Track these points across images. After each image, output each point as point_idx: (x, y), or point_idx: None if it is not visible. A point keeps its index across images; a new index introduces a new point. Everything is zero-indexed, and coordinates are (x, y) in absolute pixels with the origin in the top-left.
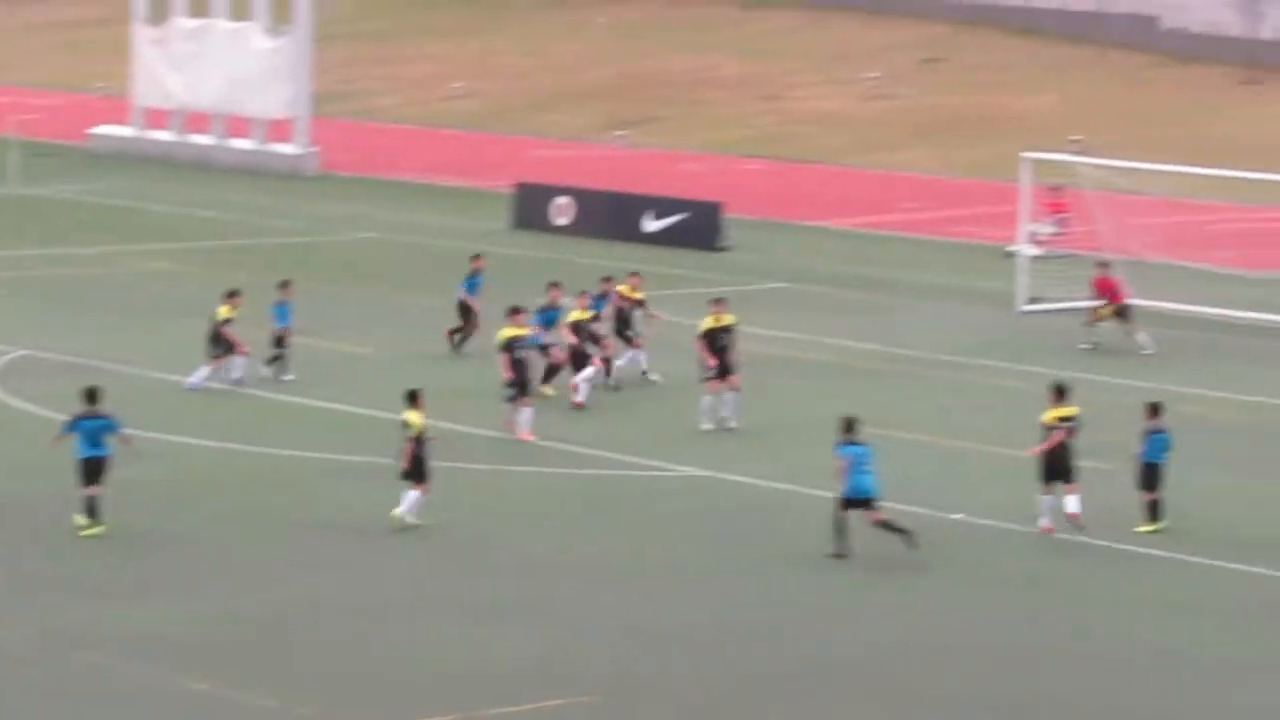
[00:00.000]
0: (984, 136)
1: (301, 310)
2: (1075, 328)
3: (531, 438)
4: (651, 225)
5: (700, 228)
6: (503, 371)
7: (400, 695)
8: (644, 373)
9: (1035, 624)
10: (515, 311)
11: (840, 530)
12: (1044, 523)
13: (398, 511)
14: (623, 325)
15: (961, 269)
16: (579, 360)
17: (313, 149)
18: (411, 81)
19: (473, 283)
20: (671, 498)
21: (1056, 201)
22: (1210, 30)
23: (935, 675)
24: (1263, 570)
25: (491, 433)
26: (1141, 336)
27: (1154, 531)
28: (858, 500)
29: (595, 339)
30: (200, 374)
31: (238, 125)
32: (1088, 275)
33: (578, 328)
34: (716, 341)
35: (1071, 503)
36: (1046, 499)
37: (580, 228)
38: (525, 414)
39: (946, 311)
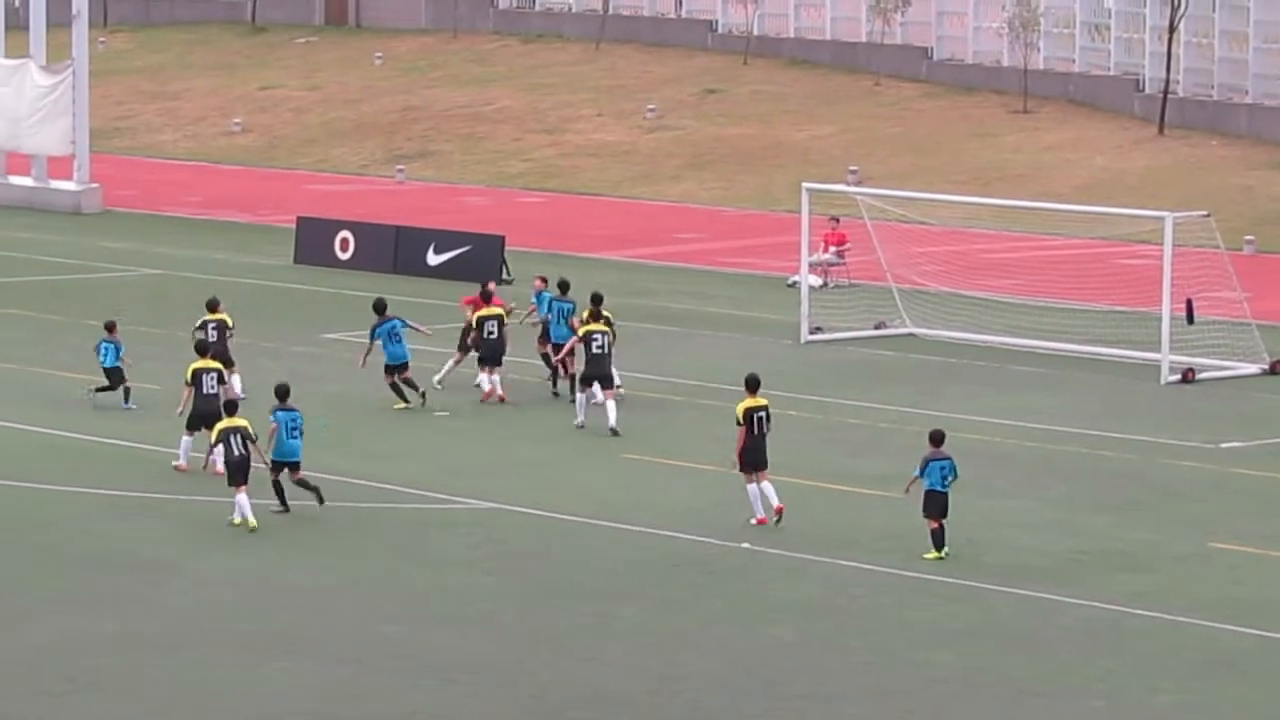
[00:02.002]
0: (764, 167)
1: (84, 348)
2: (859, 356)
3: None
4: (434, 259)
5: (482, 261)
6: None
7: None
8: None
9: (825, 651)
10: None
11: (279, 490)
12: (758, 515)
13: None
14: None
15: (744, 300)
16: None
17: (93, 185)
18: (190, 117)
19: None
20: (457, 530)
21: (837, 232)
22: (981, 61)
23: (709, 705)
24: (1045, 595)
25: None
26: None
27: (939, 559)
28: (284, 462)
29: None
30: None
31: (17, 162)
32: (869, 304)
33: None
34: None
35: (771, 492)
36: (752, 489)
37: (363, 262)
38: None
39: (729, 342)
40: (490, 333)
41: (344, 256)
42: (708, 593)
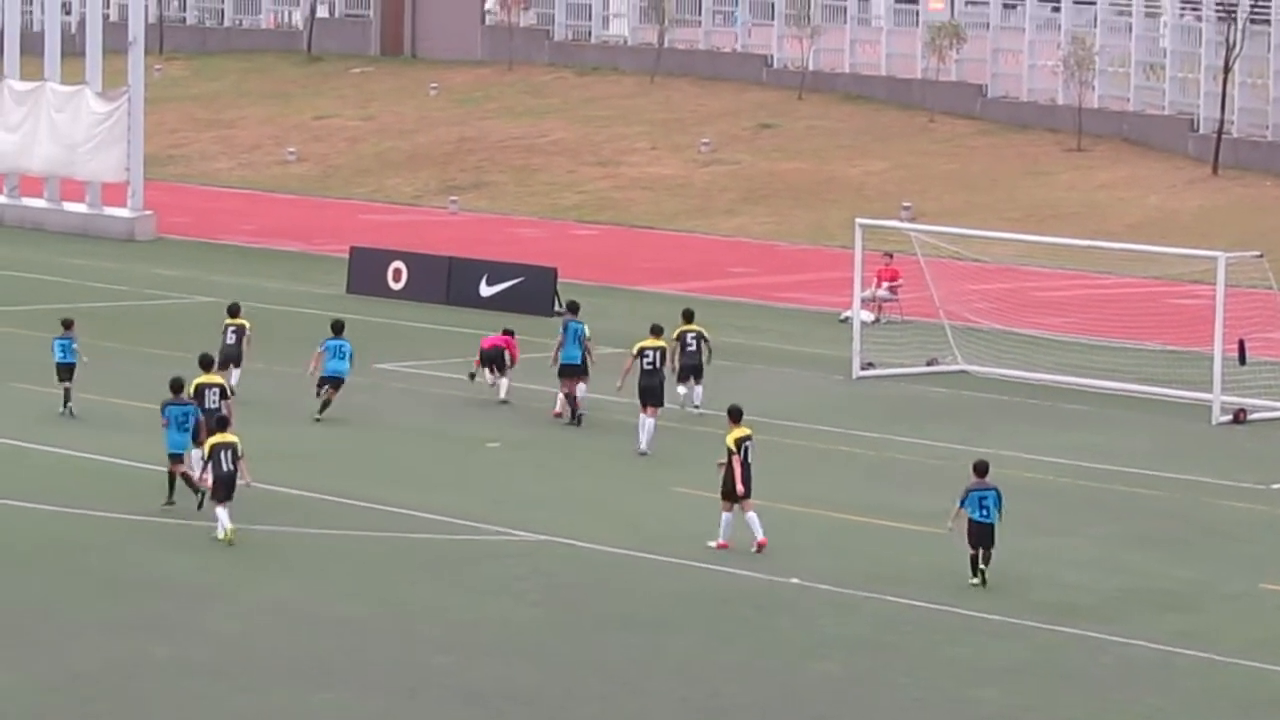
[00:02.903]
0: (818, 202)
1: (133, 374)
2: (910, 392)
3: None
4: (487, 290)
5: (535, 293)
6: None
7: None
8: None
9: (873, 687)
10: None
11: (171, 483)
12: (721, 540)
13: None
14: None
15: (796, 335)
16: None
17: (147, 213)
18: (245, 145)
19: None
20: (506, 561)
21: (890, 267)
22: (1036, 99)
23: None
24: (1093, 633)
25: (318, 495)
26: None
27: (975, 585)
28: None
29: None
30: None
31: (71, 189)
32: (921, 340)
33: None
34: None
35: (756, 525)
36: (726, 517)
37: (415, 292)
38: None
39: (781, 377)
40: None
41: (397, 287)
42: (756, 627)
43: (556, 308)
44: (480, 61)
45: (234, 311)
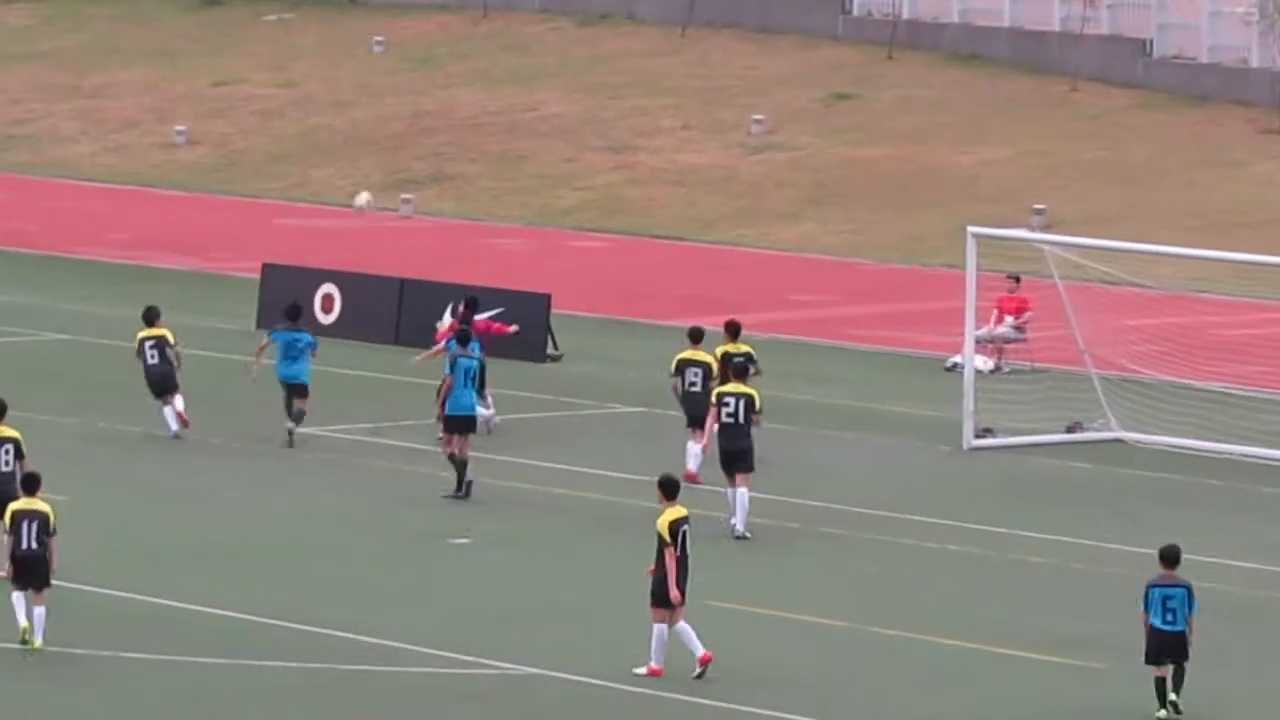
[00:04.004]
0: (914, 204)
1: None
2: (1043, 469)
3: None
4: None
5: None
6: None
7: None
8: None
9: None
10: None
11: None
12: (653, 664)
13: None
14: None
15: (885, 388)
16: None
17: None
18: (115, 122)
19: None
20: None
21: (1015, 295)
22: (1220, 60)
23: None
24: None
25: (224, 612)
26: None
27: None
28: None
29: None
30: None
31: None
32: (1059, 397)
33: None
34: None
35: (693, 637)
36: (659, 630)
37: (354, 327)
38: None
39: (865, 448)
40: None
41: (327, 320)
42: None
43: (550, 350)
44: (443, 5)
45: (151, 319)
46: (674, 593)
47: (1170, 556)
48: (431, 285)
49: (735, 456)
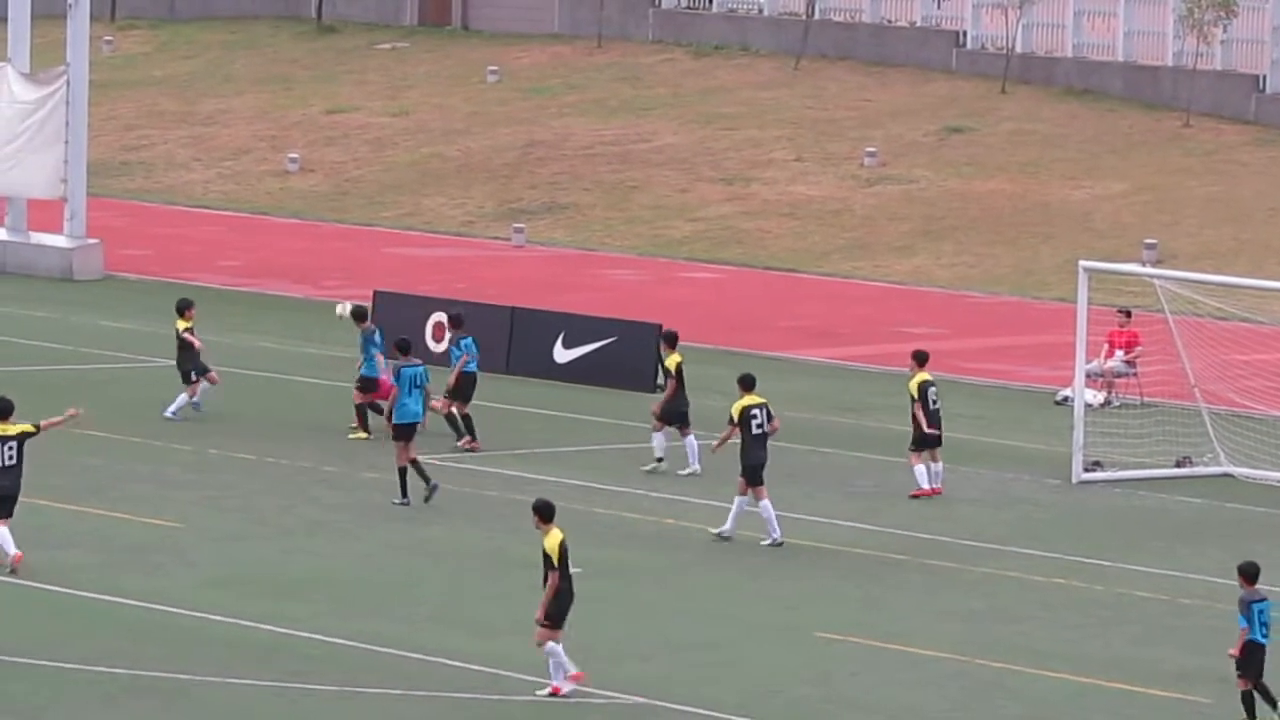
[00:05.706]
0: (1027, 237)
1: (73, 472)
2: (1153, 504)
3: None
4: (563, 354)
5: (631, 357)
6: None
7: None
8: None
9: None
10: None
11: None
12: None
13: None
14: None
15: (994, 421)
16: None
17: (91, 241)
18: (228, 149)
19: None
20: None
21: (1126, 330)
22: None
23: None
24: None
25: (324, 638)
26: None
27: None
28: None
29: None
30: (179, 401)
31: None
32: (1169, 432)
33: None
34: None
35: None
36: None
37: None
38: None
39: (975, 481)
40: None
41: (438, 348)
42: None
43: (660, 380)
44: (557, 36)
45: (183, 310)
46: (540, 612)
47: (1251, 571)
48: (544, 314)
49: (762, 467)
